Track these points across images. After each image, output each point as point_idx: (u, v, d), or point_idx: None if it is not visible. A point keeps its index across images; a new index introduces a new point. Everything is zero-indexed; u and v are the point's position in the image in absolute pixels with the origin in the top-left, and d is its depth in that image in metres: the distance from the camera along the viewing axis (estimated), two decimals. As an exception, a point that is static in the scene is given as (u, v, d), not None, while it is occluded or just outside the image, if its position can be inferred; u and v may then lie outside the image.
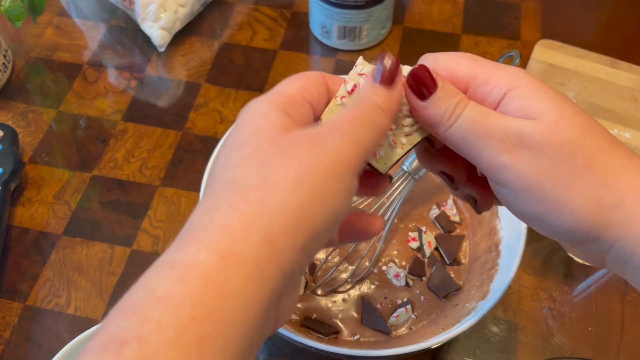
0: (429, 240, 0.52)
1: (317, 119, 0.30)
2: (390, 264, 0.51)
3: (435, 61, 0.30)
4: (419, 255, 0.51)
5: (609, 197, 0.27)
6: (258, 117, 0.27)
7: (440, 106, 0.29)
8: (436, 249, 0.52)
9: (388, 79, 0.28)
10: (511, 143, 0.28)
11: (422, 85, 0.29)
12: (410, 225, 0.54)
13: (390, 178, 0.34)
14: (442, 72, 0.30)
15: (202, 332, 0.22)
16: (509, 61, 0.48)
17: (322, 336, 0.47)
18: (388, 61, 0.28)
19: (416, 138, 0.31)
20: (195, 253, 0.23)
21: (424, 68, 0.29)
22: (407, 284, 0.51)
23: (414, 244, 0.52)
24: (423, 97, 0.29)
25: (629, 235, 0.27)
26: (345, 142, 0.26)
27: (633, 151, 0.29)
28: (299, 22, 0.75)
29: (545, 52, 0.68)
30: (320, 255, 0.52)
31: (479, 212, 0.35)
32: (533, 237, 0.55)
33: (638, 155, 0.29)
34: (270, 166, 0.25)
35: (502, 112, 0.29)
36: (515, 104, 0.28)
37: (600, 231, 0.27)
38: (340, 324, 0.48)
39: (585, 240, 0.28)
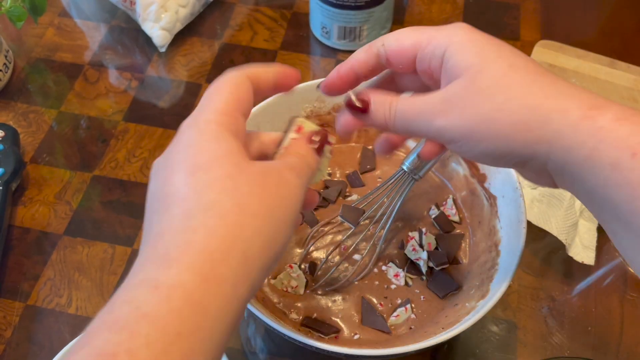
0: (429, 241, 0.52)
1: (246, 118, 0.33)
2: (390, 264, 0.51)
3: (384, 40, 0.36)
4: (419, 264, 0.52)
5: (534, 118, 0.31)
6: (214, 141, 0.29)
7: (379, 114, 0.35)
8: (436, 248, 0.52)
9: (319, 149, 0.34)
10: (440, 109, 0.33)
11: (359, 109, 0.36)
12: (410, 225, 0.54)
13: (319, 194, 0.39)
14: (392, 46, 0.35)
15: (187, 348, 0.24)
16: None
17: (322, 336, 0.47)
18: (317, 137, 0.34)
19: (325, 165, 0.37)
20: (178, 275, 0.25)
21: (356, 95, 0.36)
22: (406, 283, 0.51)
23: (413, 255, 0.52)
24: (364, 113, 0.36)
25: (557, 146, 0.31)
26: (299, 184, 0.31)
27: (560, 77, 0.32)
28: (299, 23, 0.75)
29: (545, 53, 0.68)
30: (321, 255, 0.52)
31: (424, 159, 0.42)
32: (533, 237, 0.55)
33: (564, 80, 0.32)
34: (244, 194, 0.28)
35: (445, 71, 0.34)
36: (450, 62, 0.33)
37: (532, 147, 0.31)
38: (340, 324, 0.49)
39: (524, 159, 0.32)
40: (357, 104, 0.35)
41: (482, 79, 0.32)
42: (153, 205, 0.29)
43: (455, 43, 0.33)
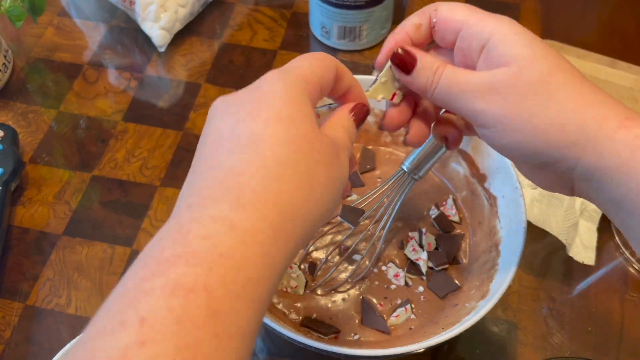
0: (429, 241, 0.52)
1: (322, 97, 0.34)
2: (390, 264, 0.51)
3: (437, 5, 0.36)
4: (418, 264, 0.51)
5: (571, 122, 0.32)
6: (298, 101, 0.31)
7: (422, 76, 0.35)
8: (436, 248, 0.52)
9: (357, 120, 0.36)
10: (484, 92, 0.33)
11: (404, 64, 0.36)
12: (410, 225, 0.54)
13: None
14: (442, 14, 0.36)
15: (255, 294, 0.25)
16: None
17: (322, 336, 0.47)
18: (359, 109, 0.36)
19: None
20: (253, 221, 0.26)
21: (403, 49, 0.36)
22: (406, 283, 0.51)
23: (413, 255, 0.52)
24: (407, 71, 0.36)
25: (590, 152, 0.31)
26: (345, 160, 0.33)
27: (598, 87, 0.33)
28: (299, 22, 0.75)
29: (545, 52, 0.68)
30: (320, 255, 0.52)
31: (448, 148, 0.42)
32: (533, 237, 0.55)
33: (603, 91, 0.33)
34: (315, 161, 0.30)
35: (485, 57, 0.34)
36: (495, 51, 0.33)
37: (563, 150, 0.32)
38: (340, 324, 0.48)
39: (552, 160, 0.33)
40: (404, 56, 0.36)
41: (530, 73, 0.32)
42: (222, 141, 0.29)
43: (502, 33, 0.33)
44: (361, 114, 0.36)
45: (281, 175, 0.28)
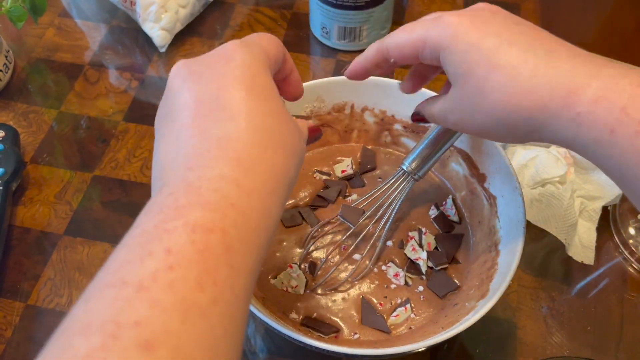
0: (429, 241, 0.52)
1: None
2: (390, 264, 0.51)
3: (387, 44, 0.40)
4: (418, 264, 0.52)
5: (520, 119, 0.35)
6: (265, 73, 0.34)
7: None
8: (436, 248, 0.52)
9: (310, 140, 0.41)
10: (449, 111, 0.39)
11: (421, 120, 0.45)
12: (409, 225, 0.54)
13: None
14: (395, 53, 0.39)
15: (261, 240, 0.30)
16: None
17: (322, 335, 0.47)
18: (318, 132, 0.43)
19: None
20: (254, 181, 0.30)
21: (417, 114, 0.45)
22: (406, 283, 0.51)
23: (413, 254, 0.52)
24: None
25: (547, 132, 0.35)
26: (303, 138, 0.37)
27: (550, 39, 0.36)
28: (299, 23, 0.75)
29: (545, 53, 0.68)
30: (321, 254, 0.52)
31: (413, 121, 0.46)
32: (532, 237, 0.56)
33: (564, 45, 0.36)
34: (286, 131, 0.33)
35: (445, 71, 0.38)
36: (446, 68, 0.37)
37: (522, 129, 0.36)
38: (340, 323, 0.49)
39: (515, 127, 0.36)
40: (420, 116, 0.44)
41: (468, 87, 0.36)
42: (204, 108, 0.32)
43: (445, 49, 0.36)
44: (315, 132, 0.41)
45: (271, 144, 0.31)
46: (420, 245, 0.52)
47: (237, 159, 0.30)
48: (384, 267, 0.51)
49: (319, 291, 0.50)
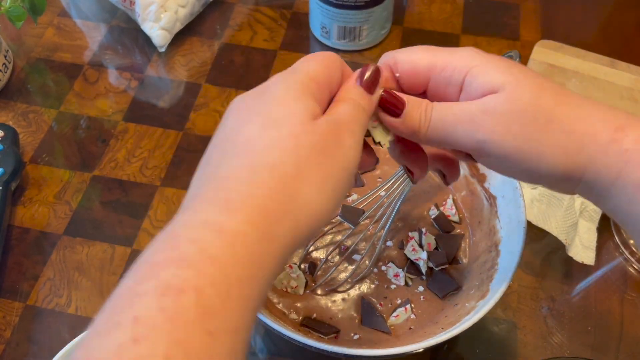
0: (429, 241, 0.52)
1: (331, 99, 0.33)
2: (390, 264, 0.51)
3: (396, 58, 0.35)
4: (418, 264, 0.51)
5: (571, 144, 0.32)
6: (293, 100, 0.30)
7: (413, 117, 0.34)
8: (436, 248, 0.52)
9: (371, 87, 0.33)
10: (480, 120, 0.32)
11: (392, 106, 0.34)
12: (409, 225, 0.54)
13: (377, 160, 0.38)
14: (405, 67, 0.35)
15: (245, 293, 0.26)
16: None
17: (322, 336, 0.47)
18: (368, 74, 0.33)
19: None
20: (240, 225, 0.27)
21: (388, 93, 0.34)
22: (406, 283, 0.51)
23: (413, 255, 0.52)
24: (397, 115, 0.34)
25: (590, 171, 0.32)
26: (352, 143, 0.31)
27: (583, 97, 0.33)
28: (299, 23, 0.75)
29: (545, 53, 0.68)
30: (321, 255, 0.52)
31: (447, 184, 0.42)
32: (532, 237, 0.55)
33: (590, 100, 0.33)
34: (303, 158, 0.29)
35: (466, 92, 0.33)
36: (476, 83, 0.33)
37: (569, 173, 0.33)
38: (340, 324, 0.49)
39: (559, 181, 0.33)
40: (390, 98, 0.34)
41: (520, 96, 0.32)
42: (224, 146, 0.30)
43: (477, 66, 0.33)
44: (370, 76, 0.33)
45: (267, 180, 0.28)
46: (421, 246, 0.52)
47: (227, 199, 0.27)
48: (383, 268, 0.51)
49: (319, 291, 0.50)
